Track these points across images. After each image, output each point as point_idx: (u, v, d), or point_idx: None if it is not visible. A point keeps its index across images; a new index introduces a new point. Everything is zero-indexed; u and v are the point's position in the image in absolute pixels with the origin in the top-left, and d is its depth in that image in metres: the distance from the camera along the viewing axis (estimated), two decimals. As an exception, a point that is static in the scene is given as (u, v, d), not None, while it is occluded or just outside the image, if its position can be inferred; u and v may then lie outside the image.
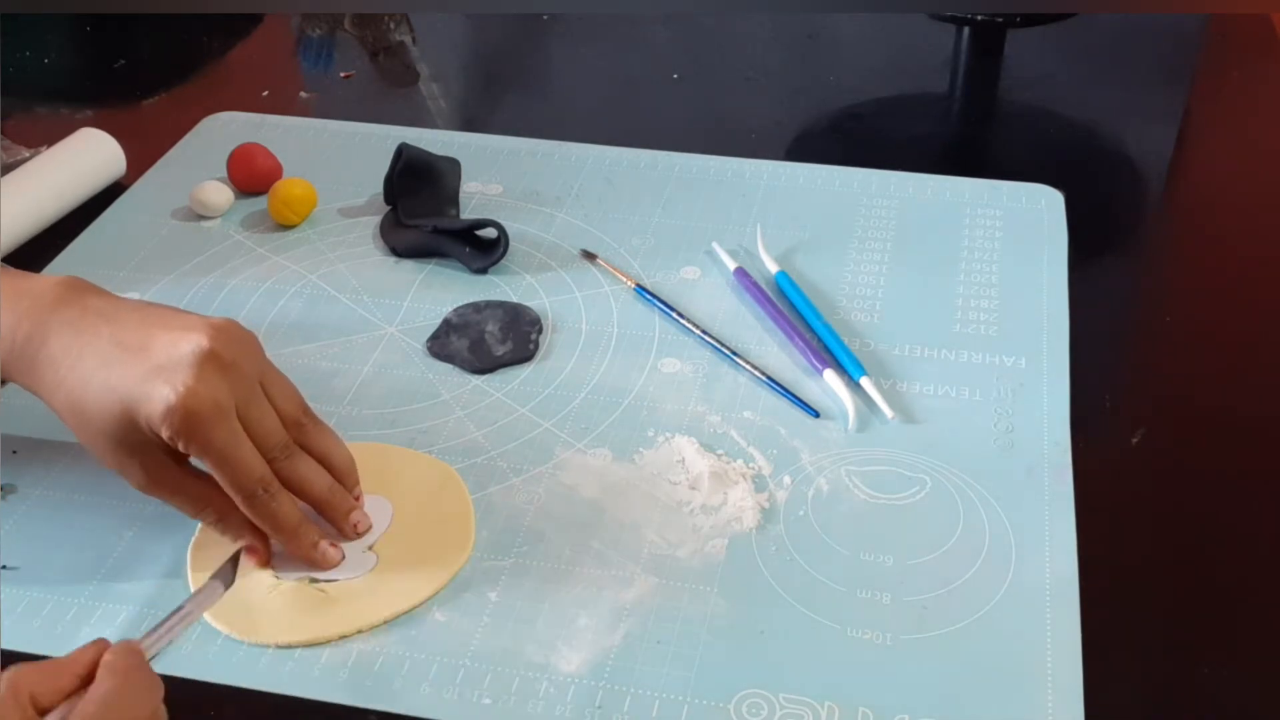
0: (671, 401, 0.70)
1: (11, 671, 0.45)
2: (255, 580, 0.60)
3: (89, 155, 0.89)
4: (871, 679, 0.55)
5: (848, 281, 0.80)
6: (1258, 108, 1.00)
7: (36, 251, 0.83)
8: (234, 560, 0.59)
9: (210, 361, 0.56)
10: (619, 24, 1.14)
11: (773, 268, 0.80)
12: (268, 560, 0.60)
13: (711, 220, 0.85)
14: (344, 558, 0.61)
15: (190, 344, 0.56)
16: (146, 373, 0.56)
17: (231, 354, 0.57)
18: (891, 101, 1.03)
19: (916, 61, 1.07)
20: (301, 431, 0.60)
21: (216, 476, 0.57)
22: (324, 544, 0.60)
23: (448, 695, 0.55)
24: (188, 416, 0.55)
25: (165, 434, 0.55)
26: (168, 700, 0.48)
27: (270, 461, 0.58)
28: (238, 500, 0.57)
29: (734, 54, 1.10)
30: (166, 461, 0.58)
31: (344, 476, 0.62)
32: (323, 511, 0.61)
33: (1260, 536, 0.63)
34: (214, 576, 0.58)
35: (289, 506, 0.59)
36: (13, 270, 0.63)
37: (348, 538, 0.61)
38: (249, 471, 0.57)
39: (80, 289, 0.60)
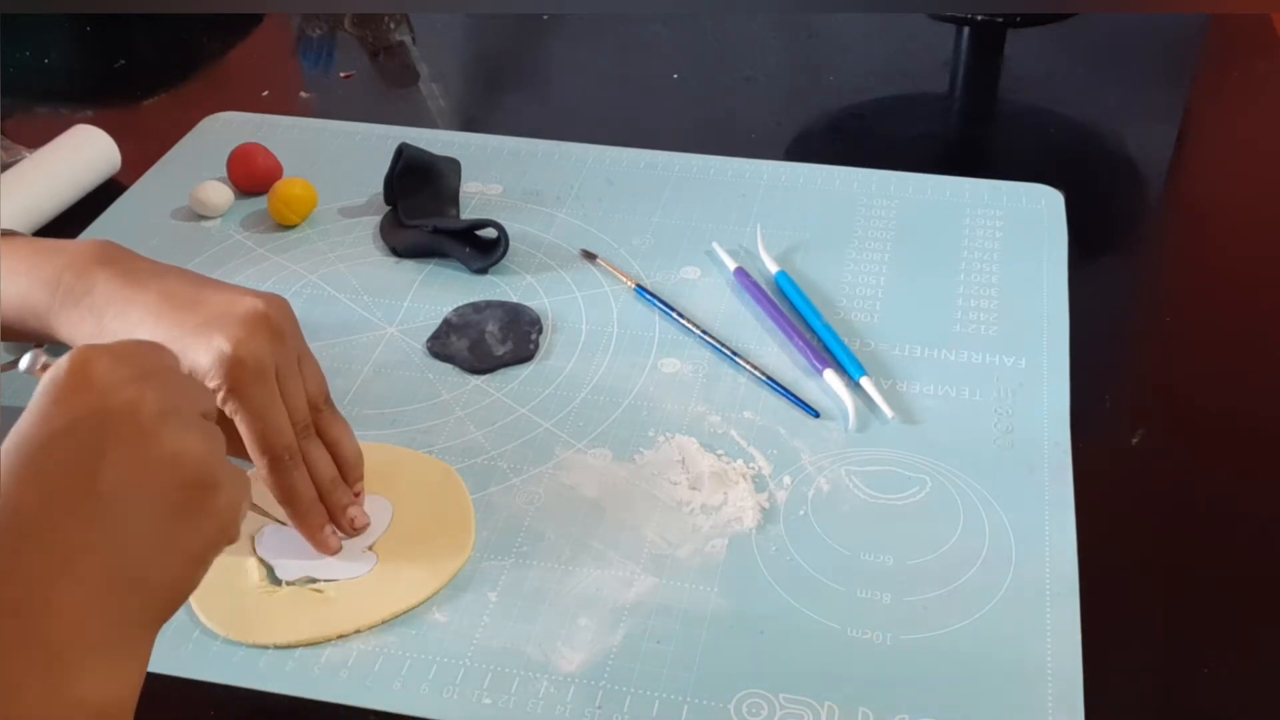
0: (671, 401, 0.70)
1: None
2: (254, 580, 0.60)
3: (82, 152, 0.89)
4: (871, 679, 0.55)
5: (847, 281, 0.79)
6: (1258, 108, 1.00)
7: (36, 251, 0.83)
8: None
9: (264, 322, 0.57)
10: (619, 24, 1.14)
11: (773, 268, 0.80)
12: None
13: (711, 220, 0.85)
14: (341, 547, 0.61)
15: (246, 304, 0.57)
16: (199, 324, 0.57)
17: (280, 321, 0.58)
18: (891, 101, 1.03)
19: (916, 61, 1.07)
20: (320, 417, 0.61)
21: (247, 436, 0.57)
22: (329, 528, 0.61)
23: (448, 695, 0.55)
24: (236, 365, 0.55)
25: (211, 384, 0.56)
26: (167, 701, 0.48)
27: None
28: (261, 463, 0.58)
29: (734, 54, 1.10)
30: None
31: (350, 469, 0.62)
32: (321, 501, 0.61)
33: (1260, 536, 0.63)
34: None
35: (306, 481, 0.59)
36: (41, 239, 0.64)
37: (344, 533, 0.61)
38: (281, 434, 0.57)
39: (121, 249, 0.62)
